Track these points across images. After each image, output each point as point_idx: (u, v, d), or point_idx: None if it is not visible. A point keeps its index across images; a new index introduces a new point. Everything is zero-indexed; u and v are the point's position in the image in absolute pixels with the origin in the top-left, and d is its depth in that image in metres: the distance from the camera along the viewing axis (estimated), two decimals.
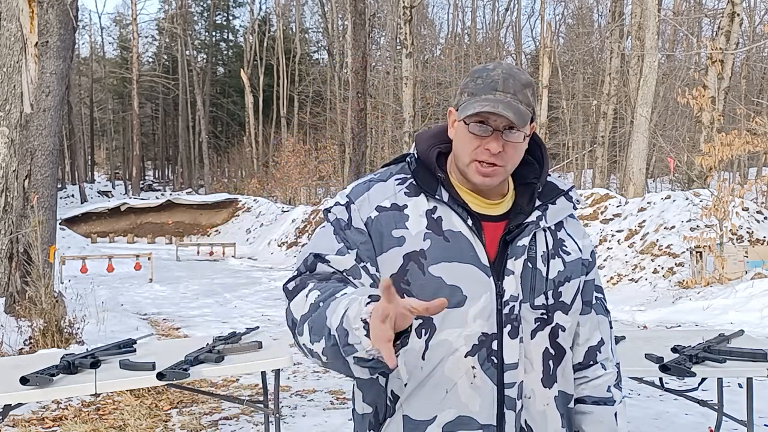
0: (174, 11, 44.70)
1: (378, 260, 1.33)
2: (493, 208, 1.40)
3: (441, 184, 1.37)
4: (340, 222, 1.36)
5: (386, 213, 1.34)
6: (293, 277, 1.34)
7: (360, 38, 15.92)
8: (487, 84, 1.32)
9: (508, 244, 1.35)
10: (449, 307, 1.28)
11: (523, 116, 1.30)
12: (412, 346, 1.28)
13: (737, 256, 9.91)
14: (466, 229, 1.33)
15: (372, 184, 1.40)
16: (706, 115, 14.62)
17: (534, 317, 1.35)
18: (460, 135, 1.35)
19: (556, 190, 1.45)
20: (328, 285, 1.26)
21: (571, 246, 1.44)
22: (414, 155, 1.42)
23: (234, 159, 40.88)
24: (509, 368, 1.31)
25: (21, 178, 7.54)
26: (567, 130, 29.83)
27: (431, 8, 41.64)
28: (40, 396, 2.82)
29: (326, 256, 1.32)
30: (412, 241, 1.32)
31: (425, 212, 1.35)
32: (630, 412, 4.68)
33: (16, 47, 7.50)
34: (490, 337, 1.31)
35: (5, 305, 7.23)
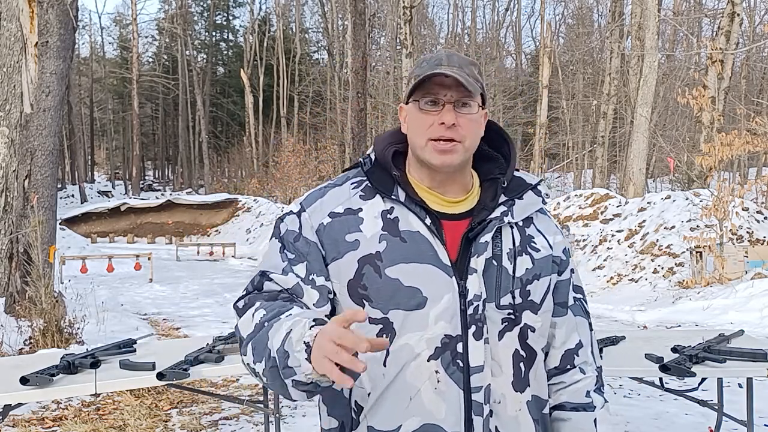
0: (174, 11, 44.70)
1: (332, 268, 1.29)
2: (455, 206, 1.34)
3: (397, 183, 1.32)
4: (290, 234, 1.32)
5: (339, 218, 1.30)
6: (243, 295, 1.33)
7: (360, 38, 15.92)
8: (431, 63, 1.30)
9: (471, 242, 1.29)
10: (409, 310, 1.24)
11: (472, 84, 1.26)
12: (373, 354, 1.18)
13: (737, 256, 9.91)
14: (424, 228, 1.28)
15: (327, 191, 1.35)
16: (706, 115, 14.62)
17: (501, 317, 1.29)
18: (413, 118, 1.31)
19: (524, 184, 1.39)
20: (274, 304, 1.24)
21: (541, 242, 1.37)
22: (370, 157, 1.37)
23: (234, 159, 40.88)
24: (475, 371, 1.25)
25: (21, 178, 7.54)
26: (567, 130, 29.83)
27: (431, 8, 41.68)
28: (40, 396, 2.82)
29: (271, 275, 1.30)
30: (367, 244, 1.27)
31: (381, 213, 1.30)
32: (630, 412, 4.68)
33: (16, 47, 7.50)
34: (454, 339, 1.25)
35: (5, 305, 7.23)
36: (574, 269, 1.46)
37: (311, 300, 1.28)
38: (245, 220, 24.90)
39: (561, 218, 14.71)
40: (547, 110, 24.83)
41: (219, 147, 44.58)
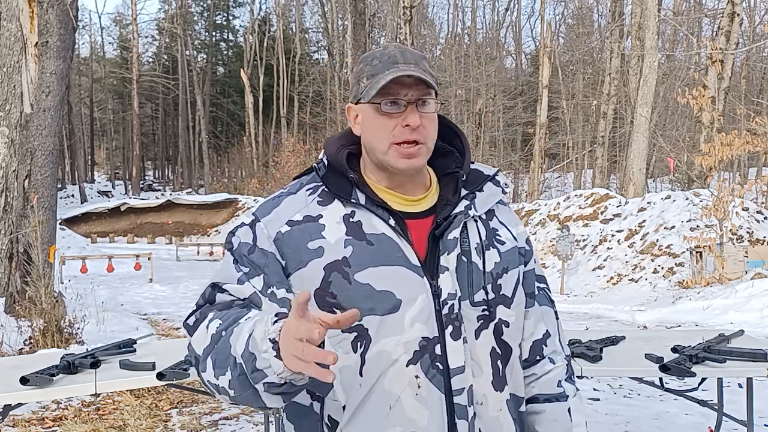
0: (174, 11, 44.70)
1: (294, 278, 1.22)
2: (417, 204, 1.30)
3: (355, 186, 1.27)
4: (243, 246, 1.25)
5: (299, 226, 1.24)
6: (193, 311, 1.25)
7: (360, 38, 15.92)
8: (385, 61, 1.23)
9: (438, 240, 1.25)
10: (383, 314, 1.19)
11: (432, 81, 1.23)
12: (347, 362, 1.19)
13: (737, 256, 9.91)
14: (389, 229, 1.23)
15: (281, 200, 1.29)
16: (706, 115, 14.62)
17: (476, 315, 1.25)
18: (371, 121, 1.25)
19: (482, 176, 1.36)
20: (229, 312, 1.18)
21: (506, 235, 1.35)
22: (323, 161, 1.32)
23: (234, 159, 40.88)
24: (456, 373, 1.20)
25: (21, 178, 7.54)
26: (567, 130, 29.83)
27: (431, 8, 41.68)
28: (40, 396, 2.82)
29: (224, 285, 1.23)
30: (332, 251, 1.21)
31: (342, 218, 1.24)
32: (630, 412, 4.69)
33: (16, 47, 7.50)
34: (431, 341, 1.20)
35: (5, 305, 7.23)
36: (536, 258, 1.44)
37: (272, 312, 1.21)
38: None
39: (561, 218, 14.72)
40: (547, 110, 24.82)
41: (219, 147, 44.57)
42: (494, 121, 31.97)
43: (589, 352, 2.94)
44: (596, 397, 5.04)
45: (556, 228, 14.14)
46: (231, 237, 1.29)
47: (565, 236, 12.35)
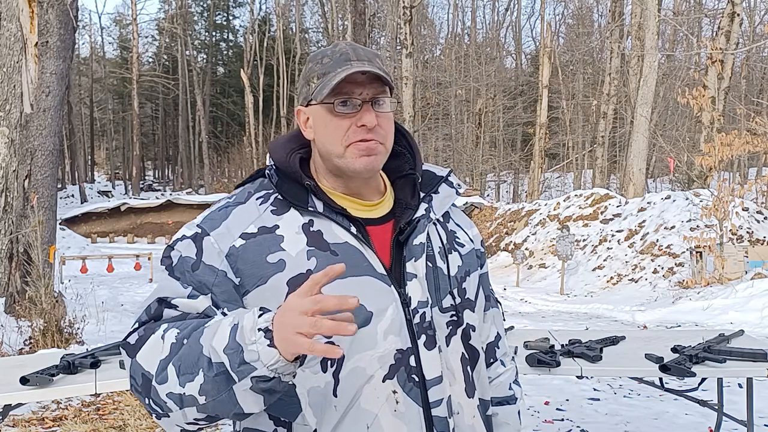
0: (174, 11, 44.70)
1: (253, 296, 1.12)
2: (374, 209, 1.23)
3: (311, 193, 1.18)
4: (186, 262, 1.13)
5: (255, 239, 1.14)
6: (134, 328, 1.12)
7: (360, 38, 15.91)
8: (337, 59, 1.16)
9: (402, 246, 1.19)
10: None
11: (387, 79, 1.16)
12: (317, 383, 1.11)
13: (737, 256, 9.91)
14: (352, 238, 1.16)
15: (230, 211, 1.18)
16: (706, 115, 14.62)
17: (445, 321, 1.20)
18: (324, 123, 1.16)
19: (435, 177, 1.30)
20: (187, 321, 1.08)
21: (463, 237, 1.31)
22: (272, 167, 1.22)
23: (234, 159, 40.89)
24: (432, 384, 1.15)
25: (21, 178, 7.54)
26: (567, 130, 29.84)
27: (431, 8, 41.65)
28: (40, 396, 2.82)
29: (173, 300, 1.11)
30: (295, 264, 1.12)
31: (301, 227, 1.15)
32: (630, 412, 4.69)
33: (16, 47, 7.50)
34: (405, 352, 1.14)
35: (5, 305, 7.23)
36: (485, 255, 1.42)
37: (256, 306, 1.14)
38: None
39: (561, 218, 14.72)
40: (547, 110, 24.82)
41: (219, 147, 44.58)
42: (494, 121, 31.98)
43: (589, 352, 2.94)
44: (596, 397, 5.04)
45: (556, 228, 14.15)
46: (170, 251, 1.17)
47: (565, 236, 12.35)
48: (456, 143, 31.38)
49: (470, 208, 18.40)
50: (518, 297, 11.37)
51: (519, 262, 13.27)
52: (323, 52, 1.20)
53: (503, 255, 15.05)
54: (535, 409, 4.73)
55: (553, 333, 3.47)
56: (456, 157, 30.45)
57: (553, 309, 10.30)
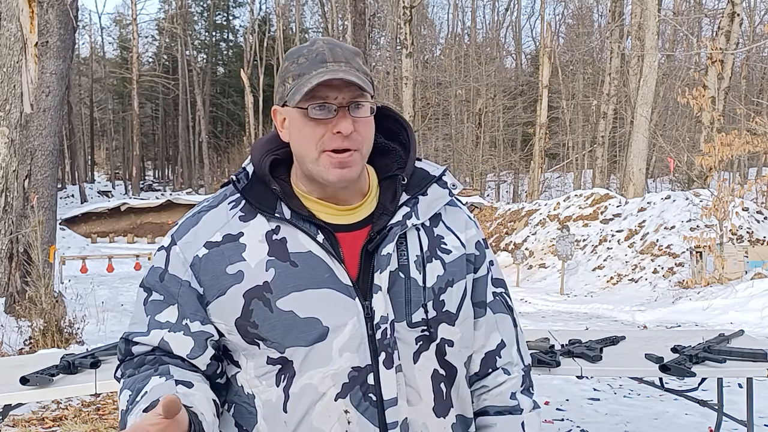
0: (174, 11, 44.71)
1: (213, 307, 1.11)
2: (352, 214, 1.16)
3: (280, 199, 1.13)
4: (155, 273, 1.15)
5: (218, 248, 1.11)
6: (118, 366, 1.19)
7: (360, 38, 15.92)
8: (312, 59, 1.10)
9: (372, 255, 1.12)
10: (309, 344, 1.08)
11: (366, 83, 1.10)
12: (269, 397, 1.10)
13: (737, 256, 9.91)
14: (317, 246, 1.10)
15: (201, 216, 1.16)
16: (706, 115, 14.62)
17: (414, 336, 1.13)
18: (299, 128, 1.11)
19: (427, 177, 1.21)
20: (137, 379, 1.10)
21: (452, 242, 1.20)
22: (246, 170, 1.18)
23: (234, 159, 40.85)
24: (390, 404, 1.09)
25: (21, 178, 7.54)
26: (567, 130, 29.83)
27: (431, 8, 41.63)
28: (40, 396, 2.82)
29: (135, 338, 1.15)
30: (253, 275, 1.09)
31: (265, 235, 1.11)
32: (630, 412, 4.69)
33: (16, 47, 7.50)
34: (363, 370, 1.08)
35: (5, 305, 7.23)
36: (494, 260, 1.30)
37: (184, 350, 1.12)
38: None
39: (561, 218, 14.72)
40: (547, 110, 24.82)
41: (219, 147, 44.57)
42: (494, 121, 31.98)
43: (589, 352, 2.94)
44: (596, 397, 5.04)
45: (556, 228, 14.14)
46: (152, 261, 1.21)
47: (565, 236, 12.35)
48: (456, 143, 31.38)
49: (470, 208, 18.39)
50: (518, 297, 11.37)
51: (519, 262, 13.27)
52: (300, 50, 1.14)
53: (503, 255, 15.04)
54: None
55: (553, 333, 3.47)
56: (456, 157, 30.46)
57: (553, 309, 10.30)
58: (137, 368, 1.13)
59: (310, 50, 1.12)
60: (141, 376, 1.11)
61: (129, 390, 1.09)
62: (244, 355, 1.14)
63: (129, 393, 1.08)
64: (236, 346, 1.14)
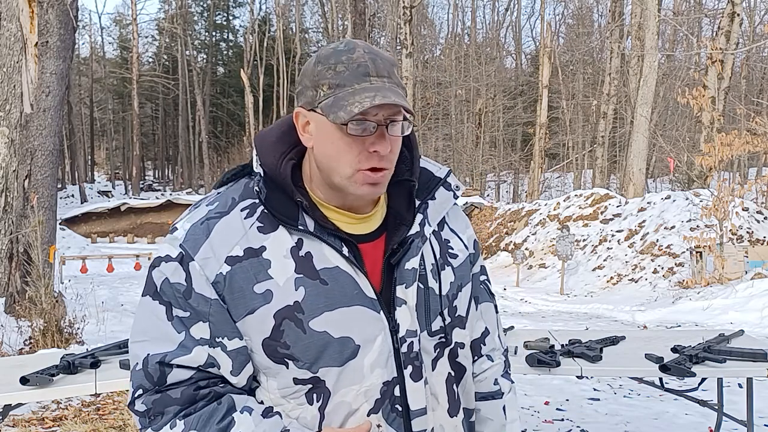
0: (174, 11, 44.71)
1: (241, 325, 1.07)
2: (366, 222, 1.14)
3: (303, 210, 1.09)
4: (176, 288, 1.07)
5: (241, 265, 1.06)
6: (138, 394, 1.09)
7: (360, 38, 15.92)
8: (354, 70, 1.04)
9: (393, 268, 1.12)
10: (341, 364, 1.07)
11: (406, 101, 1.07)
12: (303, 415, 1.10)
13: (737, 256, 9.91)
14: (343, 261, 1.08)
15: (212, 224, 1.09)
16: (706, 115, 14.62)
17: (433, 345, 1.15)
18: (331, 140, 1.06)
19: (433, 179, 1.21)
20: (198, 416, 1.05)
21: (457, 245, 1.22)
22: (260, 177, 1.12)
23: (234, 159, 40.86)
24: (416, 415, 1.12)
25: (21, 178, 7.54)
26: (567, 130, 29.83)
27: (431, 8, 41.64)
28: (40, 396, 2.82)
29: (174, 360, 1.06)
30: (282, 294, 1.05)
31: (290, 251, 1.07)
32: (630, 412, 4.68)
33: (16, 47, 7.50)
34: (391, 383, 1.10)
35: (5, 305, 7.23)
36: (479, 246, 1.33)
37: (227, 369, 1.08)
38: None
39: (561, 218, 14.72)
40: (547, 110, 24.81)
41: (219, 147, 44.57)
42: (494, 121, 31.98)
43: (589, 352, 2.94)
44: (596, 397, 5.04)
45: (556, 228, 14.14)
46: (153, 271, 1.09)
47: (565, 236, 12.34)
48: (456, 143, 31.38)
49: (470, 208, 18.40)
50: (518, 297, 11.37)
51: (519, 262, 13.27)
52: (336, 55, 1.06)
53: (503, 255, 15.05)
54: (535, 409, 4.73)
55: (553, 333, 3.47)
56: (456, 157, 30.45)
57: (553, 309, 10.30)
58: (187, 405, 1.06)
59: (350, 58, 1.05)
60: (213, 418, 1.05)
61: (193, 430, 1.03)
62: (264, 373, 1.11)
63: None
64: (258, 365, 1.11)
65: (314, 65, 1.08)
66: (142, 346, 1.09)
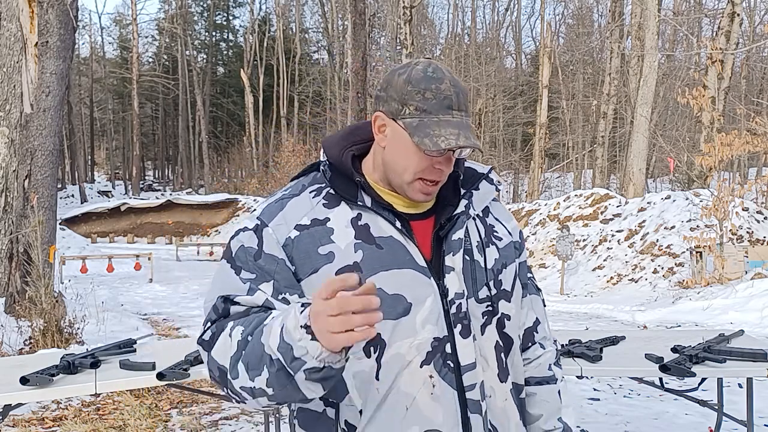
0: (174, 11, 44.71)
1: (305, 284, 1.23)
2: (418, 205, 1.32)
3: (361, 189, 1.28)
4: (248, 252, 1.24)
5: (308, 231, 1.24)
6: (206, 327, 1.23)
7: (360, 38, 15.92)
8: (440, 101, 1.23)
9: (441, 240, 1.29)
10: (396, 318, 1.21)
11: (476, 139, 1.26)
12: (362, 368, 1.21)
13: (737, 256, 9.91)
14: (396, 232, 1.25)
15: (285, 202, 1.29)
16: (706, 115, 14.62)
17: (481, 311, 1.29)
18: (404, 149, 1.25)
19: (476, 174, 1.39)
20: (249, 318, 1.18)
21: (502, 231, 1.39)
22: (326, 162, 1.33)
23: (234, 159, 40.88)
24: (467, 369, 1.25)
25: (21, 178, 7.54)
26: (567, 130, 29.84)
27: (431, 8, 41.65)
28: (40, 396, 2.82)
29: (236, 298, 1.22)
30: (343, 256, 1.22)
31: (350, 221, 1.25)
32: (630, 412, 4.69)
33: (16, 47, 7.50)
34: (442, 340, 1.23)
35: (5, 305, 7.23)
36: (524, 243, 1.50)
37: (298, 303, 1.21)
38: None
39: (561, 218, 14.72)
40: (547, 110, 24.81)
41: (219, 147, 44.57)
42: (494, 121, 31.98)
43: (589, 352, 2.94)
44: (596, 397, 5.04)
45: (556, 228, 14.14)
46: (231, 241, 1.28)
47: (565, 236, 12.34)
48: None
49: None
50: None
51: None
52: (426, 81, 1.23)
53: None
54: None
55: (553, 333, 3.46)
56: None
57: (553, 309, 10.30)
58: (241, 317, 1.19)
59: (438, 88, 1.23)
60: (254, 316, 1.18)
61: (242, 326, 1.16)
62: None
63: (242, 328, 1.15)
64: None
65: (404, 83, 1.24)
66: (216, 291, 1.25)
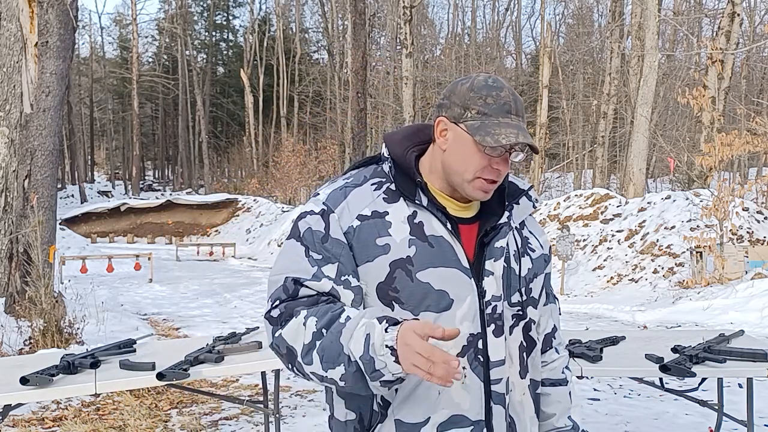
0: (174, 11, 44.70)
1: (361, 270, 1.34)
2: (466, 210, 1.43)
3: (420, 189, 1.38)
4: (316, 234, 1.35)
5: (368, 222, 1.35)
6: (275, 305, 1.33)
7: (360, 38, 15.92)
8: (500, 106, 1.34)
9: (484, 246, 1.39)
10: (438, 312, 1.33)
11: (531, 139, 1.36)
12: None
13: (737, 256, 9.91)
14: (447, 233, 1.36)
15: (349, 191, 1.39)
16: (706, 115, 14.62)
17: (511, 314, 1.41)
18: (464, 148, 1.35)
19: (518, 189, 1.49)
20: (320, 309, 1.28)
21: (535, 243, 1.51)
22: (390, 159, 1.42)
23: (234, 159, 40.87)
24: (495, 365, 1.37)
25: (21, 178, 7.54)
26: (567, 130, 29.83)
27: (431, 8, 41.66)
28: (40, 396, 2.82)
29: (304, 282, 1.32)
30: (398, 249, 1.33)
31: (407, 218, 1.36)
32: (630, 412, 4.69)
33: (16, 47, 7.50)
34: (476, 337, 1.35)
35: (5, 305, 7.23)
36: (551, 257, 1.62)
37: (347, 301, 1.33)
38: (245, 220, 24.89)
39: (561, 218, 14.71)
40: (547, 110, 24.81)
41: (219, 147, 44.57)
42: None
43: (589, 352, 2.94)
44: (596, 397, 5.04)
45: (556, 228, 14.13)
46: (299, 223, 1.38)
47: (565, 236, 12.34)
48: None
49: None
50: None
51: None
52: (488, 89, 1.34)
53: None
54: None
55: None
56: None
57: None
58: (310, 306, 1.29)
59: (498, 95, 1.34)
60: (324, 306, 1.28)
61: (315, 316, 1.26)
62: None
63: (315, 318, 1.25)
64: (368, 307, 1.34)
65: (468, 90, 1.36)
66: (284, 272, 1.35)
